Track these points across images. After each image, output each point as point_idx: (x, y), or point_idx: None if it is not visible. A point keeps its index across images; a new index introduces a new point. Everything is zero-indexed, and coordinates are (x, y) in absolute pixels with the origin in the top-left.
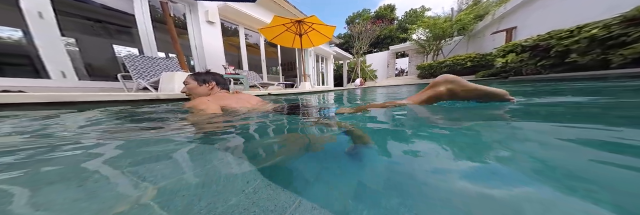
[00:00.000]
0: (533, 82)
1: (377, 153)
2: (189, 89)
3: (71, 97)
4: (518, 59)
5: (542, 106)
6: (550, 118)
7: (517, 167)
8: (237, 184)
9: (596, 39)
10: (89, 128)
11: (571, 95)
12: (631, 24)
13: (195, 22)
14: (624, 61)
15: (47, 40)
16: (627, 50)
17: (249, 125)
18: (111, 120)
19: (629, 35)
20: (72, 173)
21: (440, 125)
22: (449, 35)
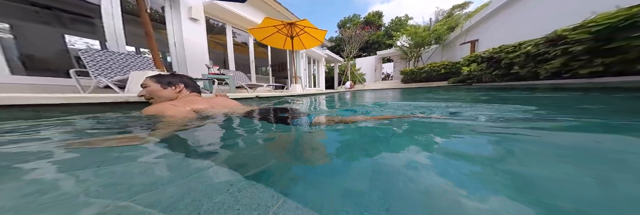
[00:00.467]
0: (489, 90)
1: (358, 157)
2: (150, 93)
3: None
4: (479, 68)
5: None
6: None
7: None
8: (222, 185)
9: (530, 55)
10: (49, 140)
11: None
12: (550, 44)
13: (175, 18)
14: (546, 74)
15: None
16: (548, 65)
17: (225, 130)
18: (64, 130)
19: (549, 53)
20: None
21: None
22: (427, 43)
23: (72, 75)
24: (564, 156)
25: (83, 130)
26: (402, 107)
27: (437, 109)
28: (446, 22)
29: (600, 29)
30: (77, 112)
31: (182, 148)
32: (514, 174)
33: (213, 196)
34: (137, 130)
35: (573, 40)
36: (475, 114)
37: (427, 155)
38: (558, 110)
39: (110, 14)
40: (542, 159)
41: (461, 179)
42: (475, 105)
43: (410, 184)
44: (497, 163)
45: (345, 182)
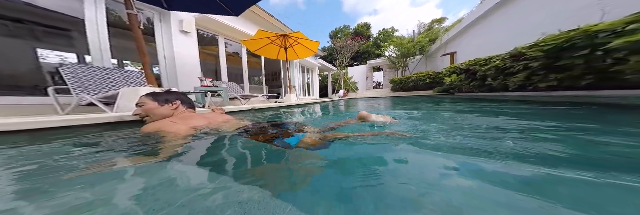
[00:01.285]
0: (472, 102)
1: (355, 167)
2: (147, 111)
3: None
4: (458, 80)
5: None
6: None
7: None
8: (231, 197)
9: (499, 68)
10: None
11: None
12: (514, 60)
13: (165, 31)
14: (515, 86)
15: None
16: (515, 79)
17: (221, 148)
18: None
19: (514, 67)
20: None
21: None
22: (412, 54)
23: (51, 94)
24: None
25: (83, 155)
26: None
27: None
28: (428, 35)
29: (550, 49)
30: (69, 134)
31: (185, 166)
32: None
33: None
34: (138, 151)
35: (531, 57)
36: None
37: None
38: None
39: (95, 27)
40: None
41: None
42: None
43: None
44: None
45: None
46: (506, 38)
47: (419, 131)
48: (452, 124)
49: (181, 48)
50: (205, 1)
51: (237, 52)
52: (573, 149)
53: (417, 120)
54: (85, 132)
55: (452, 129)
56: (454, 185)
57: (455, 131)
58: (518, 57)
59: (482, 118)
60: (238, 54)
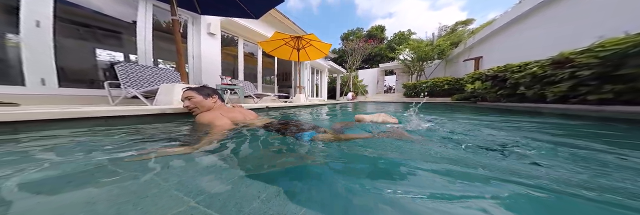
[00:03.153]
0: (501, 113)
1: (367, 170)
2: (196, 103)
3: (81, 114)
4: (483, 87)
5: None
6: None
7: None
8: (253, 193)
9: (536, 76)
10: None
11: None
12: (557, 67)
13: (196, 33)
14: (554, 97)
15: (35, 46)
16: (555, 89)
17: (256, 141)
18: (129, 139)
19: (556, 75)
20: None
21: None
22: (430, 58)
23: (106, 87)
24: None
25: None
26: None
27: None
28: (449, 38)
29: (608, 55)
30: (124, 122)
31: (221, 158)
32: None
33: (251, 202)
34: (187, 140)
35: (581, 63)
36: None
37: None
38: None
39: (144, 30)
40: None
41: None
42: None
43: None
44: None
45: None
46: (546, 42)
47: (435, 138)
48: (483, 139)
49: (207, 48)
50: (231, 5)
51: (252, 52)
52: None
53: (438, 127)
54: (136, 122)
55: (479, 143)
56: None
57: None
58: (562, 64)
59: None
60: (253, 54)
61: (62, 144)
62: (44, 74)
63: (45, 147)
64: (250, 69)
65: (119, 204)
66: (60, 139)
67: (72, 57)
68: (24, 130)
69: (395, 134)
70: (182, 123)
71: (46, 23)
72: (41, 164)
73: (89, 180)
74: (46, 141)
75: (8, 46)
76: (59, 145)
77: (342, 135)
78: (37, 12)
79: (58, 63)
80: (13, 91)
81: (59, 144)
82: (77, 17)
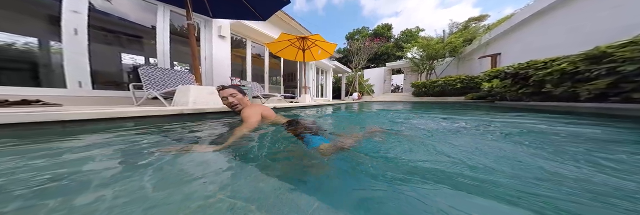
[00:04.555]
0: (527, 112)
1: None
2: (239, 100)
3: (119, 114)
4: (502, 85)
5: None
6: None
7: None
8: (272, 188)
9: (566, 73)
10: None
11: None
12: (591, 62)
13: (207, 36)
14: (589, 95)
15: (74, 52)
16: (591, 86)
17: (276, 138)
18: (166, 136)
19: (590, 71)
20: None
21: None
22: (441, 56)
23: (131, 88)
24: None
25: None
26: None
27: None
28: (462, 35)
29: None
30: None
31: (246, 154)
32: None
33: (269, 196)
34: (217, 137)
35: (622, 58)
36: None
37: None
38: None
39: (162, 34)
40: None
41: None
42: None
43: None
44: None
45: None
46: (575, 38)
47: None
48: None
49: (218, 50)
50: (240, 8)
51: (259, 53)
52: None
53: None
54: (159, 121)
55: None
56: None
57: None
58: (598, 59)
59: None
60: (260, 55)
61: (119, 139)
62: (81, 77)
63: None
64: (257, 70)
65: (164, 191)
66: (108, 135)
67: (102, 61)
68: (73, 128)
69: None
70: (205, 122)
71: (82, 30)
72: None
73: (144, 172)
74: (97, 136)
75: (53, 53)
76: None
77: (340, 143)
78: (74, 21)
79: (92, 67)
80: (57, 93)
81: (110, 141)
82: (106, 24)
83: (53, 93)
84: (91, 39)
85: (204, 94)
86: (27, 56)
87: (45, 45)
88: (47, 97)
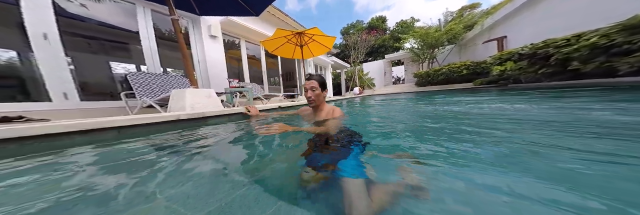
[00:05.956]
0: (544, 90)
1: None
2: (317, 97)
3: (94, 125)
4: (517, 67)
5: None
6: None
7: None
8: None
9: (598, 47)
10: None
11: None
12: (632, 33)
13: (198, 37)
14: (630, 69)
15: (50, 61)
16: (632, 58)
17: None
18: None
19: (633, 42)
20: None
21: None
22: (441, 44)
23: (123, 98)
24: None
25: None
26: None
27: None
28: (461, 21)
29: None
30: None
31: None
32: None
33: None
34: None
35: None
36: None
37: None
38: None
39: (147, 39)
40: None
41: None
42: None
43: None
44: None
45: None
46: (594, 13)
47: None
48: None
49: (211, 52)
50: (230, 3)
51: (255, 54)
52: None
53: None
54: (154, 130)
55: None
56: None
57: None
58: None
59: None
60: (256, 56)
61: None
62: (65, 88)
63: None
64: (255, 71)
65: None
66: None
67: (88, 70)
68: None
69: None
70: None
71: (53, 36)
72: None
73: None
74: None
75: (28, 65)
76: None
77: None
78: (39, 23)
79: (76, 77)
80: (42, 107)
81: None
82: (86, 31)
83: (38, 107)
84: (70, 47)
85: (201, 97)
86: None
87: (17, 56)
88: (33, 112)
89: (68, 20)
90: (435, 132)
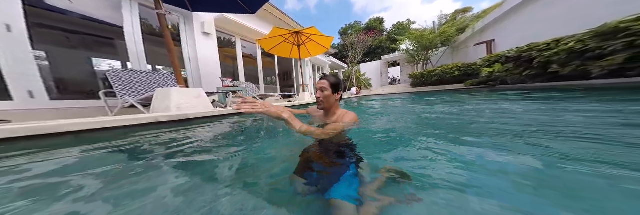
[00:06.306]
0: (522, 93)
1: None
2: (326, 99)
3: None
4: (504, 69)
5: None
6: None
7: None
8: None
9: (575, 52)
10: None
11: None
12: (603, 39)
13: (189, 34)
14: (601, 72)
15: (12, 56)
16: (604, 62)
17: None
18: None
19: (603, 48)
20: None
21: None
22: (435, 46)
23: (102, 97)
24: None
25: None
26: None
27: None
28: (454, 24)
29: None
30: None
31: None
32: None
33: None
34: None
35: None
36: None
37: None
38: None
39: (132, 34)
40: None
41: None
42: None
43: None
44: None
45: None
46: (573, 19)
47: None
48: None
49: (204, 49)
50: (225, 0)
51: (252, 53)
52: None
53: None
54: (131, 132)
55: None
56: None
57: None
58: (612, 35)
59: None
60: (252, 55)
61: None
62: (29, 85)
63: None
64: (250, 70)
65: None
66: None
67: (65, 67)
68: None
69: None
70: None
71: (19, 28)
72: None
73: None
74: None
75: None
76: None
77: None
78: (2, 14)
79: (50, 74)
80: (1, 107)
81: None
82: (63, 23)
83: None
84: (42, 41)
85: (189, 97)
86: None
87: None
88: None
89: (43, 11)
90: (427, 137)
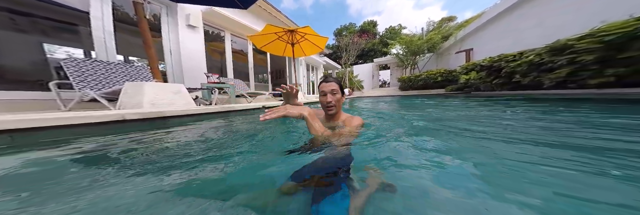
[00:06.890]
0: (492, 99)
1: None
2: (337, 102)
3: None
4: (478, 77)
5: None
6: None
7: None
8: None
9: (533, 64)
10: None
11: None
12: (554, 54)
13: (172, 25)
14: (551, 83)
15: None
16: (553, 75)
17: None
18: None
19: (554, 62)
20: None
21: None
22: (422, 51)
23: (52, 88)
24: None
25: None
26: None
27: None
28: (439, 32)
29: (613, 38)
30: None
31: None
32: None
33: None
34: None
35: (581, 49)
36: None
37: None
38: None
39: (101, 20)
40: None
41: None
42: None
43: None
44: None
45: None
46: (540, 32)
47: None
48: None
49: (187, 42)
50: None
51: (242, 49)
52: None
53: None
54: (91, 131)
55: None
56: None
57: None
58: (560, 51)
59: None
60: (243, 50)
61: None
62: None
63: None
64: (240, 66)
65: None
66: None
67: (7, 53)
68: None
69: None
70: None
71: None
72: None
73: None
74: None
75: None
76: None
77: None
78: None
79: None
80: None
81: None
82: (7, 3)
83: None
84: None
85: (167, 92)
86: None
87: None
88: None
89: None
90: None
